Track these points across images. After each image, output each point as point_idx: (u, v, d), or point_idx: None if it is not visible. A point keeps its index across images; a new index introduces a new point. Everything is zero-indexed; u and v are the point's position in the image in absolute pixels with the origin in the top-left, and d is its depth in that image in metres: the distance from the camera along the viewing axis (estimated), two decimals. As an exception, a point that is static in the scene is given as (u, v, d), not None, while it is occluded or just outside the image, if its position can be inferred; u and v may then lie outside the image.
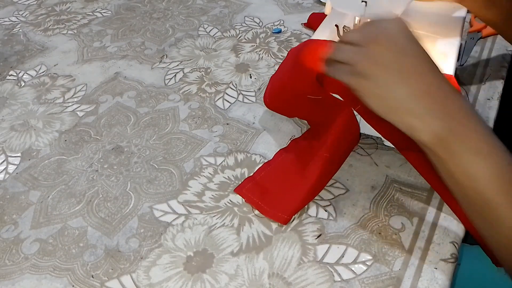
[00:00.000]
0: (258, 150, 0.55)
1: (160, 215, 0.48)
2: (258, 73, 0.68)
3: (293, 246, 0.45)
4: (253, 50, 0.73)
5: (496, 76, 0.63)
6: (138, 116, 0.61)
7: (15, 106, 0.65)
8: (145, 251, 0.45)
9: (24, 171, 0.55)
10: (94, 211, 0.49)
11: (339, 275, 0.42)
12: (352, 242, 0.45)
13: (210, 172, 0.53)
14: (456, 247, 0.43)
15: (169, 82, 0.67)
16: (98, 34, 0.80)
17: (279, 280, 0.42)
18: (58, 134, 0.60)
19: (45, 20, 0.86)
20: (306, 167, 0.51)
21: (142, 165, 0.54)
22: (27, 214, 0.50)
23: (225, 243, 0.45)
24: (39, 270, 0.44)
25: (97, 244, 0.46)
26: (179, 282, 0.42)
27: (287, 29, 0.78)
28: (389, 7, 0.48)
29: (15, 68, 0.73)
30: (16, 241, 0.47)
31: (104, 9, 0.88)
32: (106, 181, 0.53)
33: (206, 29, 0.79)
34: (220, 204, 0.49)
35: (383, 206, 0.48)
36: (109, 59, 0.73)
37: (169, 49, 0.75)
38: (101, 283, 0.43)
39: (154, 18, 0.84)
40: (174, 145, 0.57)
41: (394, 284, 0.41)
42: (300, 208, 0.47)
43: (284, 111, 0.58)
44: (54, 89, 0.68)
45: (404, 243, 0.44)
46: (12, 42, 0.79)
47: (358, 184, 0.50)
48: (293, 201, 0.47)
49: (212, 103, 0.63)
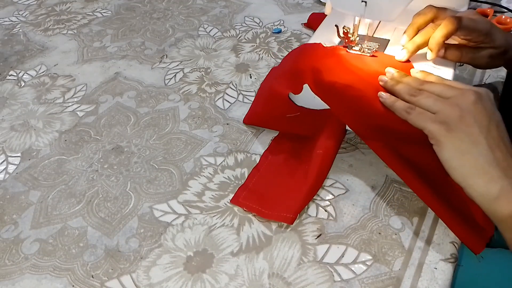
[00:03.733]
0: (258, 150, 0.55)
1: (160, 215, 0.48)
2: (258, 73, 0.68)
3: (293, 246, 0.45)
4: (253, 50, 0.73)
5: (496, 76, 0.63)
6: (138, 116, 0.61)
7: (15, 106, 0.65)
8: (145, 251, 0.45)
9: (24, 171, 0.55)
10: (94, 211, 0.49)
11: (339, 275, 0.42)
12: (352, 242, 0.45)
13: (210, 172, 0.53)
14: (456, 247, 0.43)
15: (169, 82, 0.67)
16: (98, 34, 0.80)
17: (279, 280, 0.42)
18: (58, 134, 0.60)
19: (45, 20, 0.86)
20: (299, 167, 0.51)
21: (142, 165, 0.54)
22: (27, 214, 0.50)
23: (225, 243, 0.45)
24: (39, 270, 0.44)
25: (97, 244, 0.46)
26: (179, 282, 0.42)
27: (287, 29, 0.78)
28: (389, 7, 0.48)
29: (15, 68, 0.73)
30: (16, 241, 0.47)
31: (104, 9, 0.88)
32: (106, 181, 0.53)
33: (206, 29, 0.79)
34: (220, 204, 0.49)
35: (383, 206, 0.48)
36: (109, 59, 0.73)
37: (169, 49, 0.75)
38: (101, 283, 0.43)
39: (154, 18, 0.84)
40: (174, 145, 0.57)
41: (394, 284, 0.41)
42: (303, 206, 0.47)
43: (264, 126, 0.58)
44: (54, 89, 0.68)
45: (404, 243, 0.44)
46: (12, 42, 0.79)
47: (358, 184, 0.50)
48: (295, 200, 0.47)
49: (212, 103, 0.63)
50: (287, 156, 0.53)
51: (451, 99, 0.40)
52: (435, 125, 0.39)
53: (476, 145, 0.38)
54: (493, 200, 0.37)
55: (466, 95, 0.39)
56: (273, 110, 0.54)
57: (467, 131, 0.38)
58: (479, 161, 0.37)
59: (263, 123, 0.57)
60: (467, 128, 0.38)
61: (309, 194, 0.48)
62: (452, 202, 0.44)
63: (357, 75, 0.48)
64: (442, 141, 0.39)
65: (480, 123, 0.38)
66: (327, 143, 0.50)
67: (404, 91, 0.43)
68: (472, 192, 0.38)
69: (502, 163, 0.37)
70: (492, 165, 0.37)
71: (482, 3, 0.76)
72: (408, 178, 0.46)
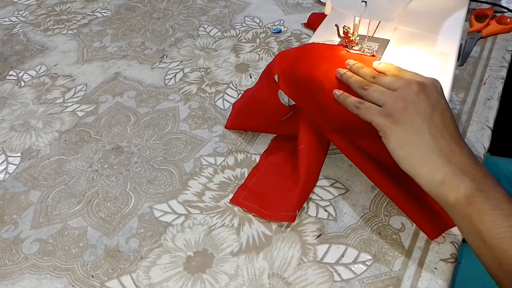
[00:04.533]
0: (258, 150, 0.55)
1: (160, 215, 0.48)
2: (258, 73, 0.68)
3: (293, 246, 0.45)
4: (253, 50, 0.73)
5: (496, 76, 0.63)
6: (138, 116, 0.61)
7: (15, 106, 0.65)
8: (145, 251, 0.45)
9: (24, 171, 0.55)
10: (94, 211, 0.49)
11: (339, 275, 0.42)
12: (352, 242, 0.45)
13: (210, 172, 0.53)
14: (456, 247, 0.43)
15: (169, 82, 0.67)
16: (98, 34, 0.80)
17: (279, 280, 0.42)
18: (58, 134, 0.60)
19: (45, 20, 0.86)
20: (294, 165, 0.51)
21: (142, 165, 0.54)
22: (27, 214, 0.50)
23: (225, 243, 0.45)
24: (39, 270, 0.44)
25: (97, 244, 0.46)
26: (179, 282, 0.42)
27: (287, 29, 0.78)
28: (389, 7, 0.48)
29: (15, 68, 0.73)
30: (16, 241, 0.47)
31: (104, 9, 0.88)
32: (106, 181, 0.53)
33: (206, 29, 0.79)
34: (220, 204, 0.49)
35: (383, 206, 0.48)
36: (109, 59, 0.73)
37: (169, 49, 0.75)
38: (101, 283, 0.43)
39: (154, 18, 0.84)
40: (174, 145, 0.57)
41: (394, 284, 0.41)
42: (301, 201, 0.47)
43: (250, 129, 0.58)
44: (54, 89, 0.68)
45: (404, 243, 0.44)
46: (12, 42, 0.79)
47: (358, 184, 0.50)
48: (292, 197, 0.47)
49: (212, 103, 0.63)
50: (287, 156, 0.53)
51: (397, 92, 0.42)
52: (381, 118, 0.41)
53: (419, 135, 0.39)
54: (438, 187, 0.37)
55: (410, 87, 0.41)
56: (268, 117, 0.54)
57: (410, 121, 0.40)
58: (422, 150, 0.39)
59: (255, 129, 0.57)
60: (410, 118, 0.40)
61: (304, 189, 0.48)
62: (410, 191, 0.45)
63: (319, 67, 0.49)
64: (387, 133, 0.40)
65: (423, 113, 0.40)
66: (306, 136, 0.50)
67: (356, 85, 0.45)
68: (420, 180, 0.39)
69: (445, 150, 0.38)
70: (435, 153, 0.38)
71: (482, 3, 0.76)
72: (366, 168, 0.47)
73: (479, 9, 0.75)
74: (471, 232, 0.36)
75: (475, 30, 0.71)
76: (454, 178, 0.37)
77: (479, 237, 0.36)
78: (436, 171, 0.38)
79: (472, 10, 0.75)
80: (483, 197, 0.36)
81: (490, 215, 0.35)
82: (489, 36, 0.70)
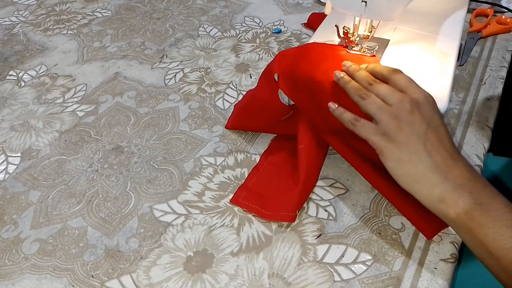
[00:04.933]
0: (258, 150, 0.55)
1: (160, 215, 0.48)
2: (258, 73, 0.68)
3: (293, 246, 0.45)
4: (253, 50, 0.73)
5: (496, 76, 0.63)
6: (138, 116, 0.61)
7: (15, 106, 0.65)
8: (145, 251, 0.45)
9: (24, 171, 0.55)
10: (94, 211, 0.49)
11: (339, 275, 0.42)
12: (352, 242, 0.45)
13: (210, 172, 0.53)
14: (456, 247, 0.43)
15: (169, 82, 0.67)
16: (98, 34, 0.80)
17: (279, 280, 0.42)
18: (58, 134, 0.60)
19: (45, 20, 0.86)
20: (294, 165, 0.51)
21: (142, 165, 0.54)
22: (27, 214, 0.50)
23: (225, 243, 0.45)
24: (39, 270, 0.44)
25: (97, 244, 0.46)
26: (179, 282, 0.42)
27: (287, 29, 0.78)
28: (389, 7, 0.48)
29: (15, 68, 0.73)
30: (16, 241, 0.47)
31: (104, 9, 0.88)
32: (106, 181, 0.53)
33: (206, 29, 0.79)
34: (220, 204, 0.49)
35: (383, 206, 0.48)
36: (109, 59, 0.73)
37: (169, 49, 0.75)
38: (101, 283, 0.43)
39: (154, 18, 0.84)
40: (174, 145, 0.57)
41: (394, 284, 0.41)
42: (301, 201, 0.47)
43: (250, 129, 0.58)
44: (54, 89, 0.68)
45: (404, 243, 0.44)
46: (12, 42, 0.79)
47: (358, 184, 0.50)
48: (292, 197, 0.47)
49: (212, 103, 0.63)
50: (287, 156, 0.53)
51: (392, 109, 0.42)
52: (376, 137, 0.42)
53: (415, 153, 0.39)
54: (438, 203, 0.38)
55: (404, 105, 0.41)
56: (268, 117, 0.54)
57: (406, 140, 0.40)
58: (419, 168, 0.39)
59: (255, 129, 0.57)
60: (405, 137, 0.40)
61: (304, 189, 0.48)
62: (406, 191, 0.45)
63: (319, 67, 0.49)
64: (384, 152, 0.41)
65: (418, 131, 0.40)
66: (306, 136, 0.50)
67: (353, 92, 0.45)
68: (419, 197, 0.40)
69: (442, 166, 0.39)
70: (432, 170, 0.39)
71: (482, 3, 0.76)
72: (363, 169, 0.47)
73: (479, 9, 0.75)
74: (475, 245, 0.37)
75: (475, 30, 0.71)
76: (453, 194, 0.37)
77: (484, 249, 0.36)
78: (434, 188, 0.38)
79: (472, 10, 0.75)
80: (483, 209, 0.36)
81: (492, 227, 0.35)
82: (489, 36, 0.71)
